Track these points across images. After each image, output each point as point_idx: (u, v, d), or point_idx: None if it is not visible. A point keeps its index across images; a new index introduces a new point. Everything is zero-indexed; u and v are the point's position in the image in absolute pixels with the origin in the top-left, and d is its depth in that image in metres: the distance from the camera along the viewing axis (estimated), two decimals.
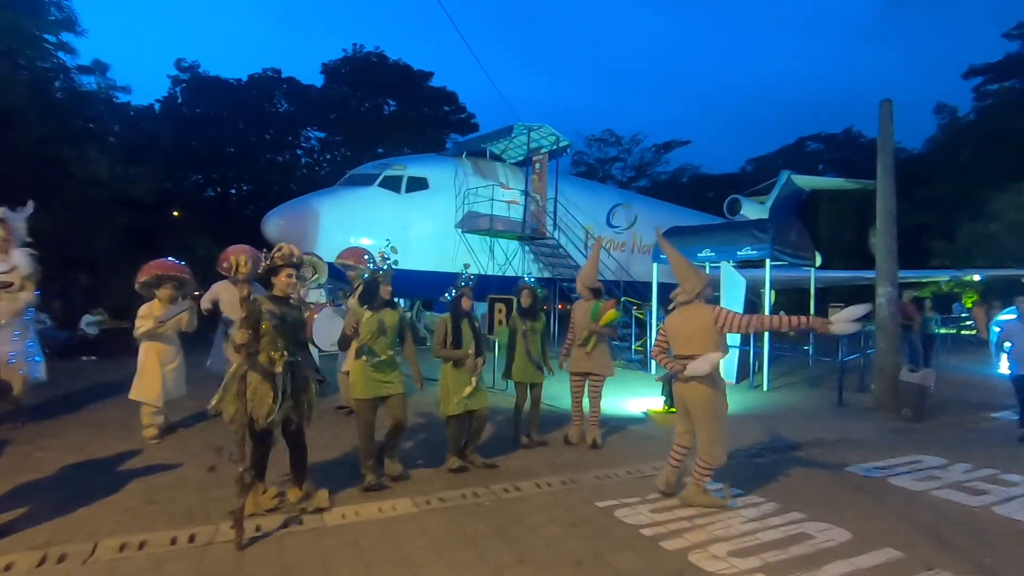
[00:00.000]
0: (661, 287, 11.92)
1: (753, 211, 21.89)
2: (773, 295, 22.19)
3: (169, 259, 5.62)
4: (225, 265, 6.12)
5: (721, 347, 3.83)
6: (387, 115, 30.67)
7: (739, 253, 10.05)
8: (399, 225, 12.04)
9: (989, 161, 26.10)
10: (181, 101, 27.42)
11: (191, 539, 3.26)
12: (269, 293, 3.57)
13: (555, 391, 6.79)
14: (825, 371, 10.11)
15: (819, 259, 12.99)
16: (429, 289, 13.68)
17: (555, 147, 14.44)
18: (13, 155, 12.72)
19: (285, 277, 3.55)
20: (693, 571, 3.04)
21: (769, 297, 9.96)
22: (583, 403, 5.59)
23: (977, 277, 21.83)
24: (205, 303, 6.19)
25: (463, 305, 4.68)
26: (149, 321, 5.26)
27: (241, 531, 3.14)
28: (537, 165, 14.53)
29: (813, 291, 12.27)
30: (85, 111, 17.16)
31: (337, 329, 6.23)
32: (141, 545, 3.17)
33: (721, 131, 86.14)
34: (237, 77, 28.63)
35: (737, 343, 9.76)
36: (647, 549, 3.28)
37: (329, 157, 30.44)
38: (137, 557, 3.05)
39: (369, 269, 6.79)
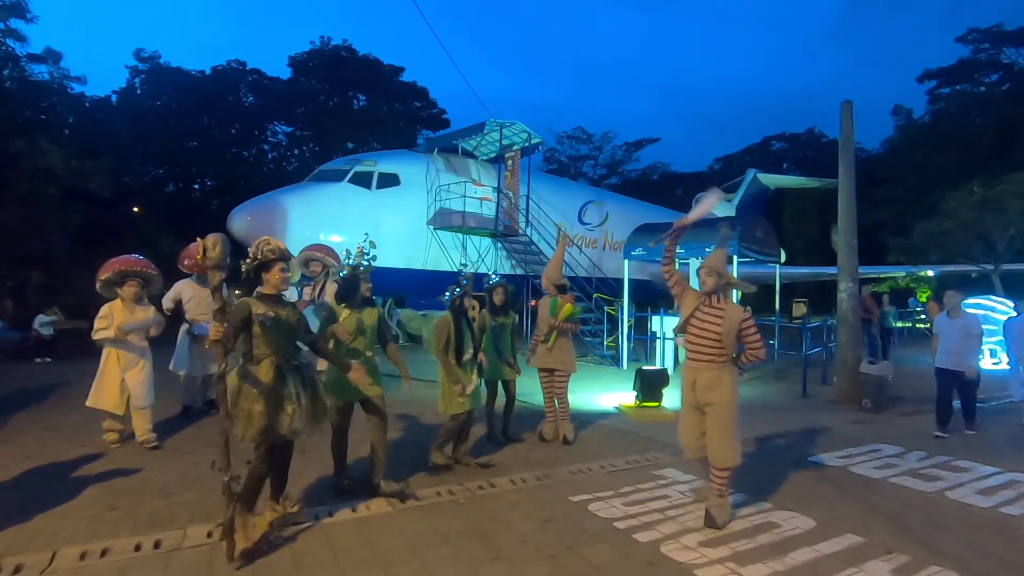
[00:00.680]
0: (632, 284, 12.08)
1: (721, 209, 22.30)
2: (741, 292, 22.74)
3: (133, 255, 5.20)
4: (187, 262, 5.93)
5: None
6: (357, 110, 30.17)
7: (707, 250, 10.22)
8: (370, 222, 11.86)
9: (942, 161, 27.25)
10: (140, 92, 26.46)
11: (156, 545, 3.16)
12: (258, 292, 3.20)
13: (528, 388, 6.82)
14: (790, 364, 10.40)
15: (784, 255, 13.35)
16: (401, 287, 13.57)
17: (527, 144, 14.47)
18: None
19: (279, 272, 3.20)
20: (665, 562, 3.10)
21: (736, 293, 10.16)
22: (554, 399, 5.62)
23: (931, 272, 22.80)
24: (167, 302, 5.97)
25: (465, 304, 4.66)
26: (110, 328, 4.84)
27: (232, 544, 2.93)
28: (509, 162, 14.53)
29: (779, 287, 12.61)
30: (36, 101, 16.37)
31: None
32: (103, 553, 3.06)
33: (690, 130, 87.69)
34: (200, 69, 27.78)
35: None
36: (620, 542, 3.33)
37: (297, 152, 29.83)
38: (99, 565, 2.95)
39: (337, 263, 6.67)
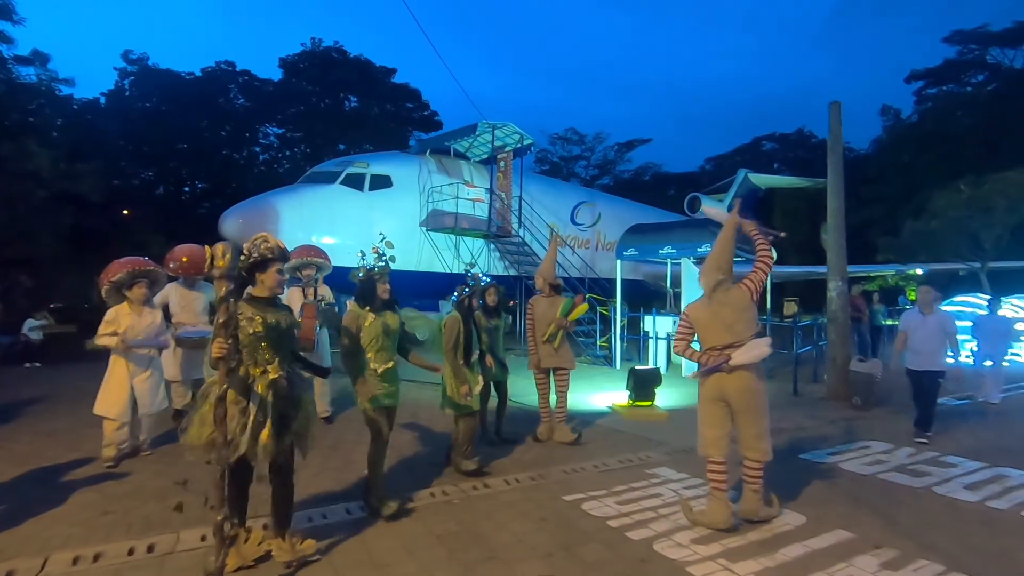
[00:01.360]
0: (625, 284, 12.14)
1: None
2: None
3: (136, 256, 5.06)
4: (172, 266, 5.78)
5: (758, 328, 3.58)
6: (348, 111, 30.15)
7: (699, 250, 10.31)
8: (362, 224, 11.87)
9: (929, 161, 27.55)
10: (129, 94, 26.33)
11: (150, 549, 3.16)
12: (248, 295, 2.93)
13: (520, 388, 6.84)
14: (780, 363, 10.48)
15: (775, 255, 13.47)
16: (394, 288, 13.54)
17: (519, 145, 14.50)
18: None
19: (275, 274, 2.95)
20: (658, 559, 3.13)
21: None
22: (550, 399, 5.64)
23: (920, 271, 23.04)
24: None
25: (474, 304, 4.67)
26: (113, 337, 4.65)
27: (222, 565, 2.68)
28: (502, 163, 14.56)
29: (769, 286, 12.70)
30: (24, 104, 16.25)
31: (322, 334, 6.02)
32: (96, 557, 3.05)
33: (681, 130, 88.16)
34: (190, 71, 27.66)
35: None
36: (614, 540, 3.36)
37: (288, 154, 29.76)
38: (91, 570, 2.94)
39: (327, 263, 6.58)
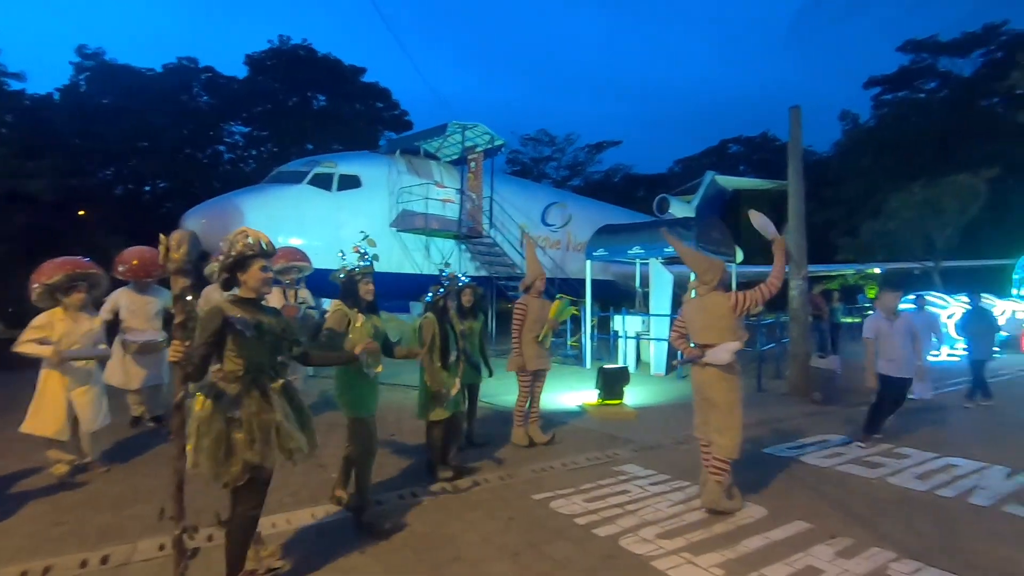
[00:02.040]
0: (595, 284, 12.26)
1: (681, 210, 22.87)
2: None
3: (76, 257, 4.63)
4: (122, 269, 5.57)
5: (739, 335, 3.78)
6: (316, 110, 29.68)
7: (666, 250, 10.49)
8: (331, 224, 11.71)
9: (886, 164, 28.60)
10: (85, 90, 25.39)
11: (104, 560, 3.06)
12: (234, 295, 2.65)
13: (488, 389, 6.82)
14: (745, 360, 10.70)
15: (740, 255, 13.78)
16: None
17: (490, 146, 14.51)
18: None
19: (258, 271, 2.60)
20: (623, 555, 3.18)
21: (694, 292, 10.46)
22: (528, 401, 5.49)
23: (878, 270, 23.91)
24: (105, 314, 5.39)
25: (448, 305, 4.59)
26: (42, 346, 4.16)
27: None
28: (472, 164, 14.54)
29: (735, 285, 13.00)
30: None
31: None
32: (45, 571, 2.94)
33: (650, 132, 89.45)
34: (149, 67, 26.82)
35: (666, 336, 10.20)
36: (580, 537, 3.40)
37: (255, 153, 29.13)
38: None
39: (308, 264, 6.43)
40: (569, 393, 7.94)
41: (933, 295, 13.67)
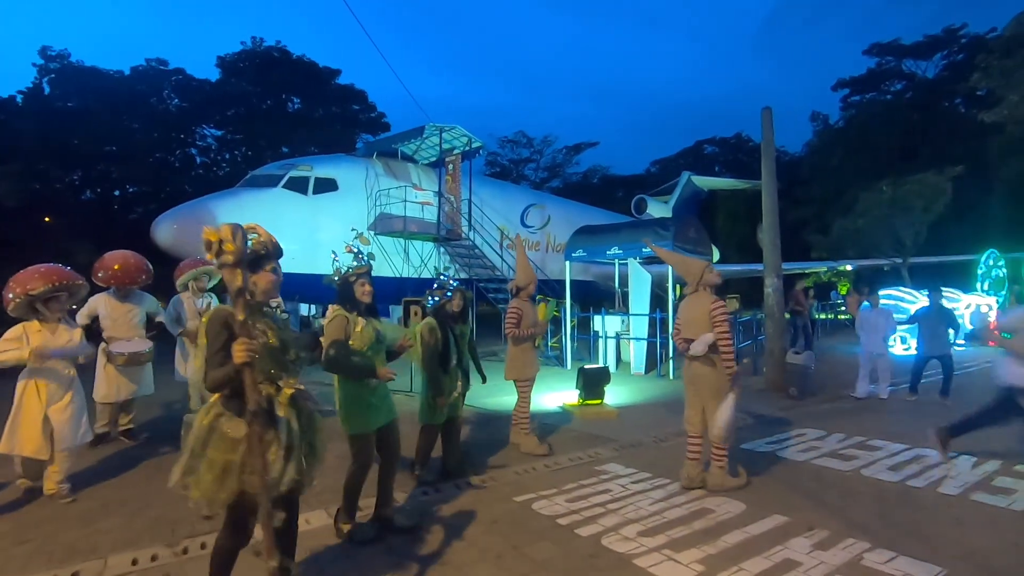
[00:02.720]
0: (575, 284, 12.32)
1: (658, 210, 23.14)
2: (678, 289, 23.71)
3: (52, 264, 4.29)
4: (101, 274, 5.36)
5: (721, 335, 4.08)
6: (291, 113, 29.31)
7: (644, 250, 10.58)
8: (307, 228, 11.56)
9: (856, 164, 29.36)
10: (50, 93, 24.66)
11: None
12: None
13: (471, 393, 6.78)
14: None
15: (717, 254, 14.03)
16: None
17: (468, 148, 14.47)
18: None
19: (269, 273, 2.41)
20: (606, 554, 3.19)
21: (673, 291, 10.59)
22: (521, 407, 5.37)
23: (849, 267, 24.50)
24: (82, 319, 5.28)
25: (453, 308, 4.55)
26: (23, 350, 3.91)
27: None
28: (450, 166, 14.49)
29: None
30: None
31: None
32: None
33: (627, 134, 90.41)
34: (117, 68, 26.18)
35: (645, 335, 10.30)
36: (563, 538, 3.40)
37: (228, 157, 28.63)
38: None
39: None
40: (550, 394, 7.95)
41: (902, 290, 14.06)
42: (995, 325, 5.23)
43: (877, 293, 8.24)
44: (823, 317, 16.50)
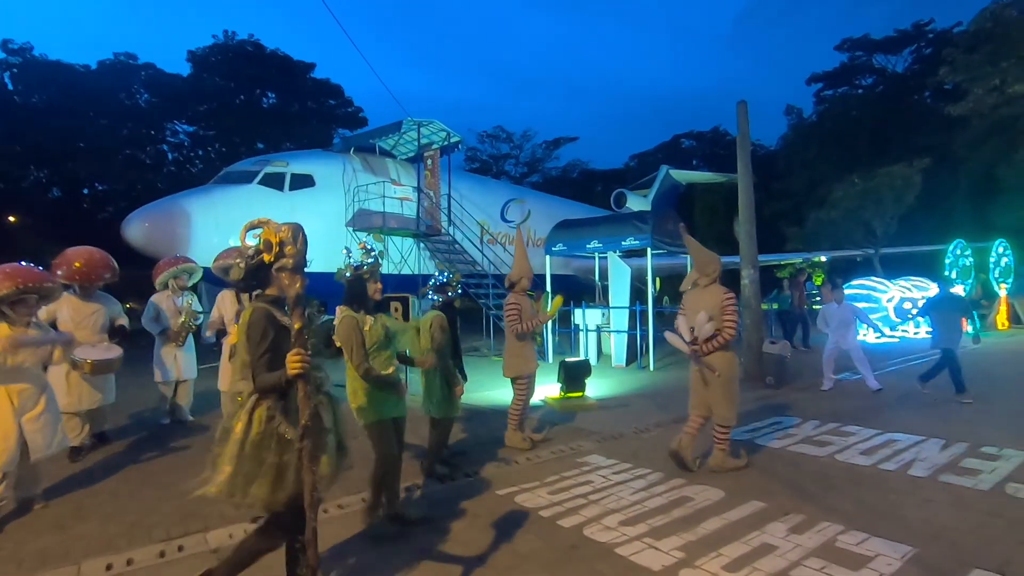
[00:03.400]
0: (556, 279, 12.37)
1: (638, 204, 23.31)
2: (659, 282, 23.92)
3: (23, 264, 4.07)
4: (62, 272, 4.99)
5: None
6: (266, 108, 28.80)
7: (623, 243, 10.67)
8: None
9: (829, 157, 29.90)
10: (12, 88, 23.85)
11: None
12: (270, 297, 2.33)
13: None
14: None
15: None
16: (322, 292, 13.10)
17: (446, 143, 14.40)
18: None
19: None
20: (588, 544, 3.22)
21: (653, 284, 10.69)
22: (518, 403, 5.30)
23: (823, 258, 24.98)
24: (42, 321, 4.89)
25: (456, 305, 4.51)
26: None
27: None
28: (429, 161, 14.40)
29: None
30: None
31: None
32: None
33: (606, 128, 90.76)
34: (83, 63, 25.42)
35: (625, 328, 10.38)
36: (546, 529, 3.42)
37: (201, 153, 28.06)
38: None
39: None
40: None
41: (874, 280, 14.39)
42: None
43: (842, 289, 8.14)
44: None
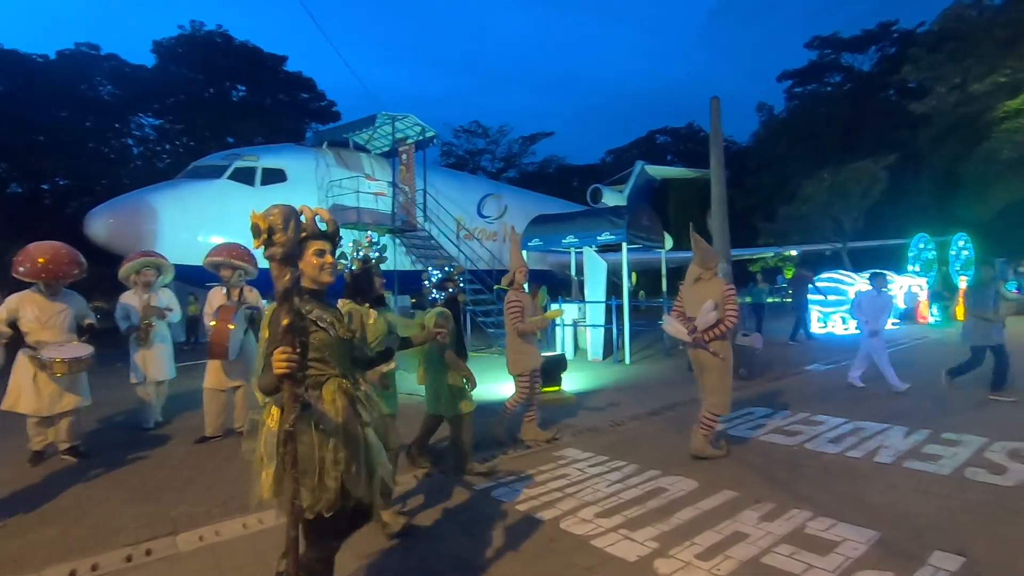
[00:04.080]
0: (533, 274, 12.37)
1: (614, 199, 23.41)
2: (634, 276, 24.16)
3: None
4: (23, 268, 4.69)
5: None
6: (236, 101, 28.14)
7: (599, 238, 10.74)
8: None
9: (799, 153, 30.58)
10: None
11: None
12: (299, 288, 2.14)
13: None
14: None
15: (670, 242, 14.33)
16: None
17: (421, 137, 14.28)
18: None
19: (312, 256, 2.16)
20: (564, 537, 3.24)
21: (628, 278, 10.78)
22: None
23: (794, 252, 25.55)
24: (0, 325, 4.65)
25: (460, 300, 4.44)
26: None
27: None
28: (404, 156, 14.26)
29: (665, 271, 13.51)
30: None
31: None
32: None
33: (583, 124, 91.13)
34: (42, 53, 24.46)
35: (602, 322, 10.46)
36: (523, 523, 3.43)
37: (168, 148, 27.24)
38: None
39: (251, 266, 5.87)
40: (509, 383, 7.96)
41: (842, 273, 14.76)
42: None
43: (883, 277, 7.39)
44: (771, 301, 17.24)
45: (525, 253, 11.86)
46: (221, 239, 10.21)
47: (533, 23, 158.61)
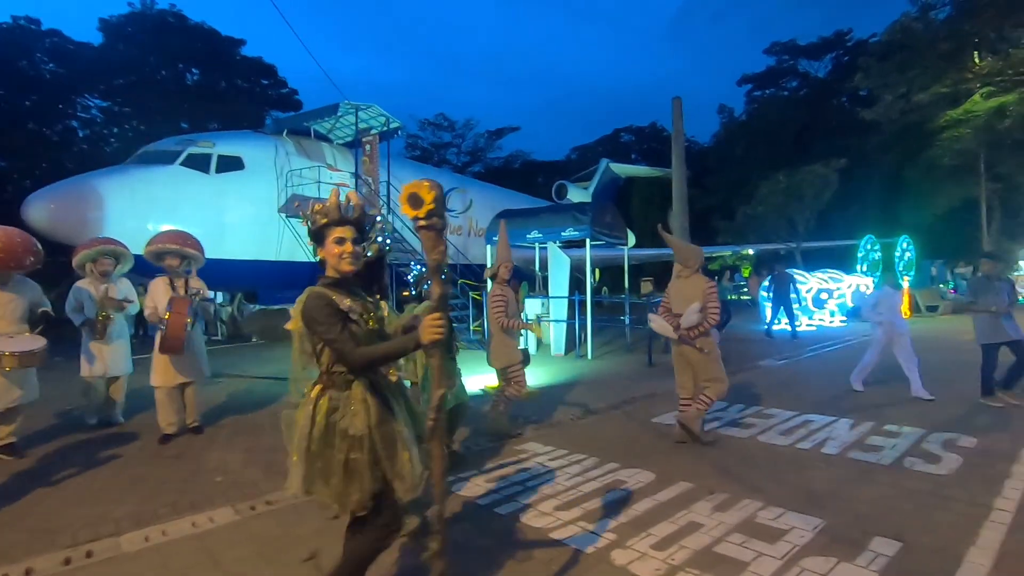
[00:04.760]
0: None
1: (578, 195, 23.69)
2: (597, 273, 24.46)
3: None
4: None
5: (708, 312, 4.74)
6: (191, 85, 27.04)
7: (563, 234, 10.81)
8: (210, 210, 10.79)
9: (757, 155, 31.51)
10: None
11: None
12: (330, 280, 2.12)
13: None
14: (639, 337, 11.39)
15: (632, 239, 14.55)
16: (251, 280, 12.52)
17: (385, 128, 14.05)
18: None
19: (332, 244, 2.09)
20: (525, 530, 3.25)
21: (591, 274, 10.89)
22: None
23: (751, 251, 26.37)
24: None
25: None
26: None
27: None
28: (367, 147, 14.01)
29: (627, 268, 13.71)
30: None
31: None
32: None
33: (549, 120, 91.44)
34: None
35: (565, 317, 10.55)
36: (482, 518, 3.43)
37: (117, 131, 25.98)
38: None
39: (200, 254, 5.63)
40: (472, 377, 7.93)
41: (797, 272, 15.30)
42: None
43: (896, 273, 7.01)
44: (731, 298, 17.78)
45: (488, 248, 11.86)
46: (172, 228, 9.84)
47: (501, 16, 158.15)
